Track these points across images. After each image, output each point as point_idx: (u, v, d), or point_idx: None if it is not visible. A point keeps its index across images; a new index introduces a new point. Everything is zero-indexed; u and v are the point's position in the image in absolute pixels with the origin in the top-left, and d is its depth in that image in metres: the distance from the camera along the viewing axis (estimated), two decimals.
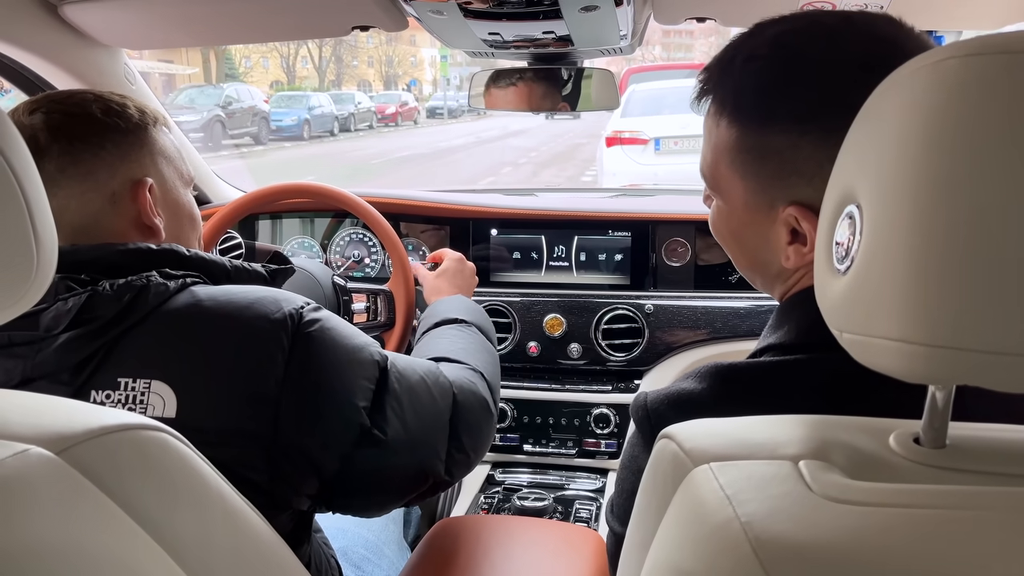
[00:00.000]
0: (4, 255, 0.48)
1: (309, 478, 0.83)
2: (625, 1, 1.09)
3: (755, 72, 0.68)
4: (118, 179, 0.89)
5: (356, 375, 0.85)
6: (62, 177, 0.85)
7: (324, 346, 0.83)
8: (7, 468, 0.46)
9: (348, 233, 1.88)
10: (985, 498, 0.41)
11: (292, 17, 1.30)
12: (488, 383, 1.08)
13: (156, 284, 0.81)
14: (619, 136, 7.47)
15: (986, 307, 0.38)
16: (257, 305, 0.82)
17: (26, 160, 0.50)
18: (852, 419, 0.52)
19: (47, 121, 0.86)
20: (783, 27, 0.68)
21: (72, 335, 0.78)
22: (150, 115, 0.94)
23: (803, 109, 0.65)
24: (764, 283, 0.78)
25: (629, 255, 1.75)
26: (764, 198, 0.69)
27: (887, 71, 0.63)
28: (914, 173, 0.41)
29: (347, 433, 0.83)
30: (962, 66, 0.40)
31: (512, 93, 1.50)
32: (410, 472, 0.92)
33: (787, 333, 0.69)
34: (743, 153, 0.69)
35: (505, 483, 1.69)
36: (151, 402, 0.77)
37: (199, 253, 0.89)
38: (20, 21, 1.23)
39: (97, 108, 0.88)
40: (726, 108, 0.70)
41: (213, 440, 0.76)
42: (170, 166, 0.95)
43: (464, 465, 0.99)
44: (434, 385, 0.95)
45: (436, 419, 0.94)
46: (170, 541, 0.53)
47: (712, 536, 0.42)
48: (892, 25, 0.66)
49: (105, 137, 0.88)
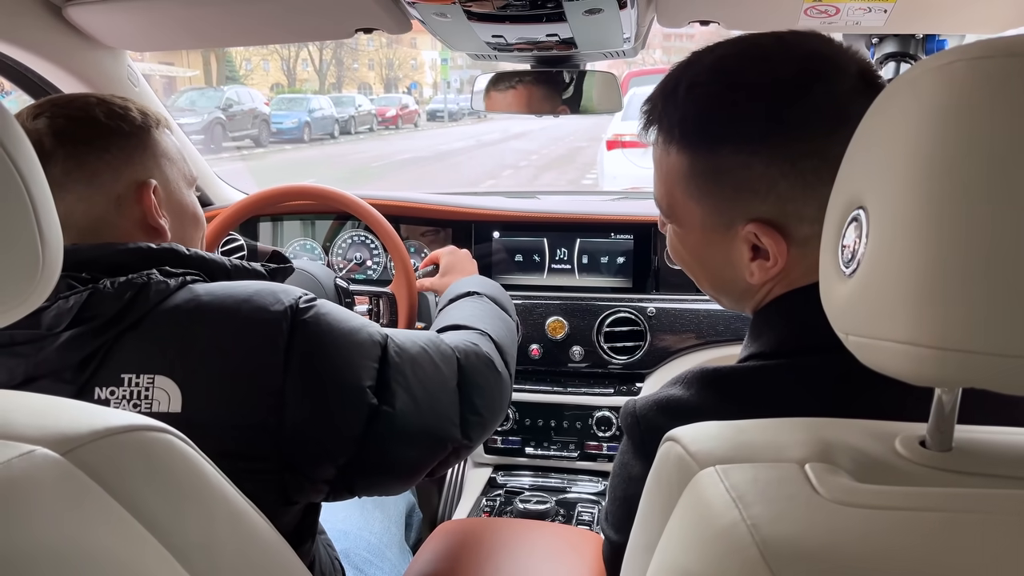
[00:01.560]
0: (10, 256, 0.48)
1: (323, 465, 0.83)
2: (629, 4, 1.09)
3: (698, 99, 0.70)
4: (123, 182, 0.89)
5: (357, 356, 0.86)
6: (67, 181, 0.86)
7: (322, 332, 0.83)
8: (12, 469, 0.46)
9: (350, 235, 1.88)
10: (992, 501, 0.41)
11: (295, 20, 1.30)
12: (496, 343, 1.09)
13: (157, 282, 0.81)
14: (620, 139, 7.47)
15: (994, 309, 0.38)
16: (256, 298, 0.82)
17: (32, 162, 0.51)
18: (857, 422, 0.52)
19: (51, 125, 0.86)
20: (721, 52, 0.71)
21: (74, 333, 0.78)
22: (152, 117, 0.94)
23: (749, 130, 0.67)
24: (732, 302, 0.79)
25: (631, 258, 1.75)
26: (722, 219, 0.71)
27: (821, 85, 0.65)
28: (921, 176, 0.41)
29: (356, 415, 0.84)
30: (968, 69, 0.40)
31: (513, 96, 1.50)
32: (426, 441, 0.92)
33: (767, 342, 0.70)
34: (696, 177, 0.71)
35: (507, 486, 1.69)
36: (156, 397, 0.78)
37: (199, 252, 0.89)
38: (24, 22, 1.23)
39: (100, 112, 0.89)
40: (674, 136, 0.72)
41: (220, 433, 0.77)
42: (173, 167, 0.96)
43: (480, 427, 1.00)
44: (436, 353, 0.96)
45: (443, 386, 0.95)
46: (175, 543, 0.53)
47: (719, 538, 0.42)
48: (822, 42, 0.68)
49: (109, 140, 0.89)
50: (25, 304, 0.51)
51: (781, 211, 0.67)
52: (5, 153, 0.48)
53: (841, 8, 1.14)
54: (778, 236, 0.67)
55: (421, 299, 1.50)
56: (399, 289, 1.50)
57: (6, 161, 0.48)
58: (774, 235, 0.67)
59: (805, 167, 0.65)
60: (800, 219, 0.66)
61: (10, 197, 0.48)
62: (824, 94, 0.65)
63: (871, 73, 0.67)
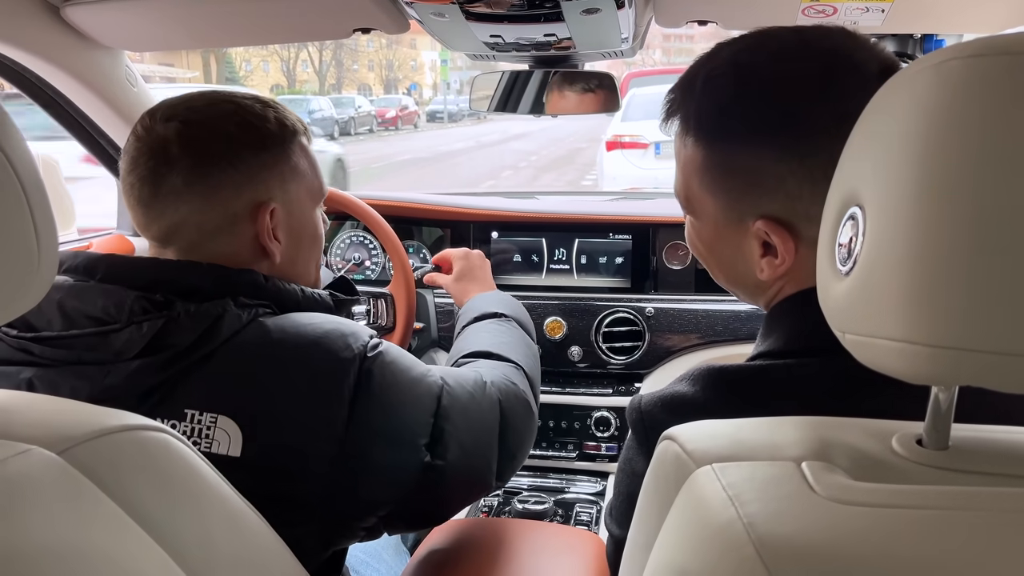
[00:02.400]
0: (6, 254, 0.48)
1: (367, 516, 0.84)
2: (627, 4, 1.09)
3: (715, 91, 0.70)
4: (242, 200, 0.87)
5: (417, 412, 0.85)
6: (186, 191, 0.84)
7: (387, 384, 0.82)
8: (9, 468, 0.46)
9: (349, 236, 1.88)
10: (988, 499, 0.41)
11: (293, 19, 1.29)
12: (528, 378, 1.08)
13: (231, 315, 0.79)
14: (619, 140, 7.48)
15: (990, 307, 0.38)
16: (325, 341, 0.81)
17: (27, 158, 0.50)
18: (853, 420, 0.52)
19: (181, 132, 0.84)
20: (740, 46, 0.71)
21: (144, 363, 0.76)
22: (290, 128, 0.91)
23: (761, 125, 0.67)
24: (746, 295, 0.80)
25: (630, 258, 1.75)
26: (734, 214, 0.71)
27: (836, 84, 0.65)
28: (917, 174, 0.41)
29: (409, 472, 0.84)
30: (964, 67, 0.40)
31: (512, 96, 1.50)
32: (467, 489, 0.93)
33: (776, 341, 0.70)
34: (711, 170, 0.71)
35: (505, 486, 1.69)
36: (216, 437, 0.76)
37: (276, 281, 0.87)
38: (21, 22, 1.23)
39: (235, 123, 0.86)
40: (690, 128, 0.72)
41: (275, 479, 0.76)
42: (300, 185, 0.93)
43: (511, 468, 1.00)
44: (483, 399, 0.95)
45: (488, 434, 0.95)
46: (171, 542, 0.53)
47: (715, 537, 0.42)
48: (844, 38, 0.68)
49: (237, 156, 0.86)
50: (21, 302, 0.51)
51: (790, 209, 0.67)
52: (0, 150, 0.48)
53: (839, 8, 1.14)
54: (786, 235, 0.68)
55: (419, 299, 1.50)
56: (397, 290, 1.50)
57: (1, 158, 0.48)
58: (783, 233, 0.68)
59: (814, 165, 0.65)
60: (809, 219, 0.66)
61: (5, 194, 0.48)
62: (841, 93, 0.64)
63: (893, 71, 0.66)
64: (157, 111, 0.86)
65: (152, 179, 0.84)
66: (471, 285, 1.39)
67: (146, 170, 0.84)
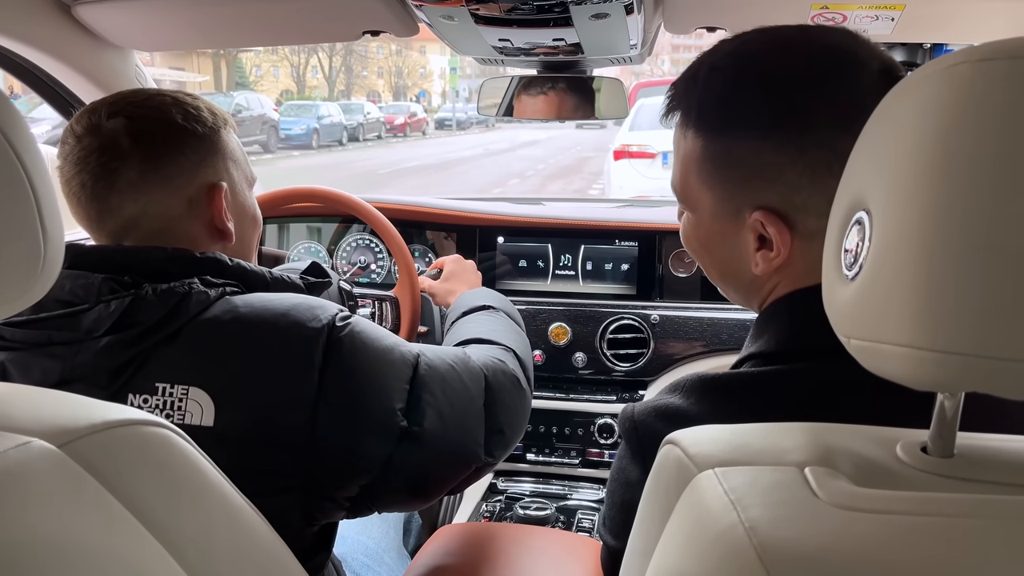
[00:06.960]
0: (12, 249, 0.48)
1: (348, 485, 0.83)
2: (636, 9, 1.09)
3: (717, 83, 0.71)
4: (195, 184, 0.89)
5: (391, 377, 0.85)
6: (143, 183, 0.86)
7: (356, 351, 0.83)
8: (8, 460, 0.46)
9: (355, 239, 1.88)
10: (993, 507, 0.41)
11: (303, 20, 1.30)
12: (519, 359, 1.08)
13: (198, 292, 0.81)
14: (627, 150, 7.49)
15: (997, 313, 0.38)
16: (293, 313, 0.82)
17: (35, 154, 0.51)
18: (858, 427, 0.51)
19: (128, 126, 0.86)
20: (744, 39, 0.71)
21: (113, 339, 0.78)
22: (220, 117, 0.94)
23: (762, 117, 0.67)
24: (739, 295, 0.79)
25: (636, 265, 1.75)
26: (731, 206, 0.71)
27: (838, 78, 0.65)
28: (925, 178, 0.40)
29: (386, 438, 0.84)
30: (973, 71, 0.40)
31: (520, 102, 1.50)
32: (450, 460, 0.92)
33: (766, 343, 0.70)
34: (709, 162, 0.71)
35: (507, 492, 1.69)
36: (189, 409, 0.77)
37: (240, 263, 0.89)
38: (33, 21, 1.24)
39: (177, 112, 0.89)
40: (691, 119, 0.73)
41: (250, 449, 0.77)
42: (238, 169, 0.96)
43: (503, 445, 1.00)
44: (464, 371, 0.95)
45: (470, 404, 0.94)
46: (170, 537, 0.53)
47: (716, 541, 0.42)
48: (847, 36, 0.69)
49: (184, 143, 0.89)
50: (25, 297, 0.51)
51: (788, 201, 0.67)
52: (8, 145, 0.48)
53: (848, 15, 1.14)
54: (783, 226, 0.68)
55: (424, 303, 1.50)
56: (403, 293, 1.50)
57: (9, 153, 0.48)
58: (779, 224, 0.68)
59: (814, 157, 0.65)
60: (806, 211, 0.67)
61: (13, 189, 0.48)
62: (840, 87, 0.65)
63: (894, 71, 0.67)
64: (98, 110, 0.88)
65: (105, 175, 0.85)
66: (459, 286, 1.40)
67: (98, 166, 0.85)
